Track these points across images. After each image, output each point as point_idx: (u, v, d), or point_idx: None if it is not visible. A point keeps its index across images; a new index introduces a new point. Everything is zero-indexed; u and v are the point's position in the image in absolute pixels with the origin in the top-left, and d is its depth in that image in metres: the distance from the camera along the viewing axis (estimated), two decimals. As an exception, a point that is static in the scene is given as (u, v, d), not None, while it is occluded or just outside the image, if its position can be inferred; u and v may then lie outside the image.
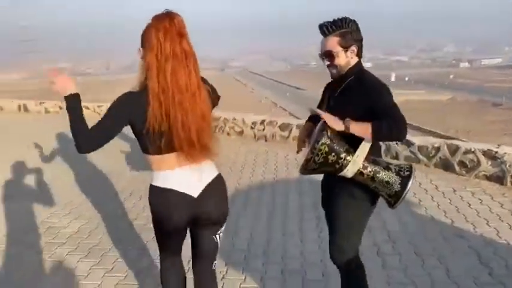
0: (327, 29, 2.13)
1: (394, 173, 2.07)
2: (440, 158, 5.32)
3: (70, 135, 1.76)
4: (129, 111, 1.82)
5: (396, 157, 5.60)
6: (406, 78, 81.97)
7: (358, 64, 2.18)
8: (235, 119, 7.60)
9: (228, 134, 7.67)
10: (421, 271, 3.11)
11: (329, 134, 2.03)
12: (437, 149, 5.33)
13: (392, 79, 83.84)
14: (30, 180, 5.41)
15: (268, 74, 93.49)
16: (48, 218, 4.26)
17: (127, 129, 1.90)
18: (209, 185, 2.00)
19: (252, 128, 7.40)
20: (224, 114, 7.86)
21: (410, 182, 2.05)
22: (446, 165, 5.25)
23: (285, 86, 72.55)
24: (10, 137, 8.33)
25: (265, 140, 7.22)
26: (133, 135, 1.88)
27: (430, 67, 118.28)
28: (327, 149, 2.02)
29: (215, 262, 2.16)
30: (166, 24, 1.80)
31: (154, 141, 1.85)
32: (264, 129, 7.27)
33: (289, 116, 27.57)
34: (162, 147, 1.87)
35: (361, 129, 1.96)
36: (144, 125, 1.80)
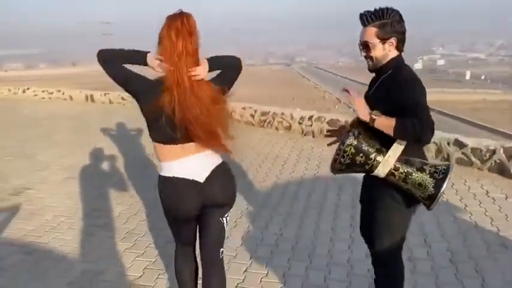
0: (366, 18, 2.05)
1: (428, 175, 1.97)
2: (495, 161, 4.96)
3: (129, 125, 1.90)
4: (140, 87, 1.94)
5: (447, 159, 5.30)
6: (482, 77, 77.03)
7: (397, 58, 2.07)
8: (283, 114, 7.58)
9: (277, 128, 7.67)
10: (453, 279, 2.95)
11: (356, 133, 1.99)
12: (493, 152, 4.98)
13: (467, 77, 79.19)
14: (90, 163, 5.80)
15: (334, 70, 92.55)
16: (96, 200, 4.54)
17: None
18: (214, 170, 2.06)
19: (299, 123, 7.33)
20: (273, 108, 7.87)
21: (444, 184, 1.94)
22: (501, 170, 4.89)
23: (351, 81, 71.00)
24: (78, 124, 8.95)
25: (313, 136, 7.13)
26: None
27: (511, 65, 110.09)
28: (353, 150, 2.00)
29: (222, 250, 2.18)
30: (178, 24, 1.89)
31: (164, 130, 1.93)
32: (311, 125, 7.18)
33: (353, 113, 26.91)
34: (169, 137, 1.95)
35: (385, 124, 1.89)
36: (150, 111, 1.92)
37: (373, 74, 2.20)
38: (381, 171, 2.01)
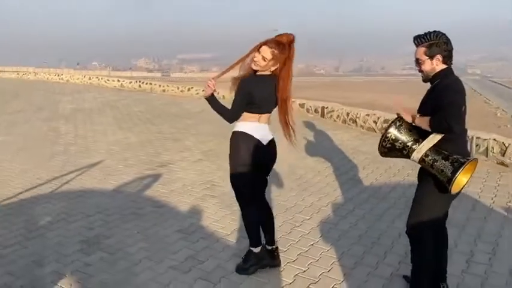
0: (416, 40, 2.61)
1: (449, 163, 2.42)
2: None
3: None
4: (253, 89, 2.86)
5: None
6: None
7: (445, 70, 2.57)
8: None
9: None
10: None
11: (397, 124, 2.57)
12: None
13: None
14: (219, 149, 6.98)
15: None
16: (216, 177, 5.56)
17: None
18: (271, 140, 3.05)
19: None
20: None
21: (460, 170, 2.36)
22: None
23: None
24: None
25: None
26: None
27: None
28: (393, 137, 2.60)
29: None
30: (284, 39, 2.87)
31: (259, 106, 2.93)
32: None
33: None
34: (260, 109, 2.95)
35: (422, 122, 2.47)
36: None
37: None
38: (415, 157, 2.54)
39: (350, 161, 6.38)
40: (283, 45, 2.84)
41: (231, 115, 2.93)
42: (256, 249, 3.17)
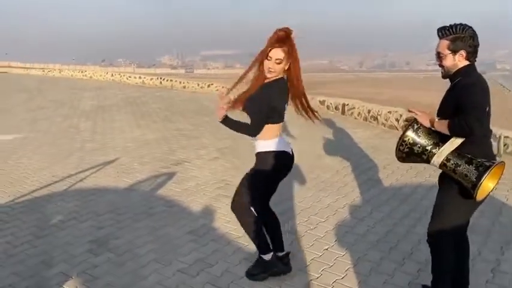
0: (441, 32, 2.39)
1: (474, 167, 2.23)
2: None
3: None
4: (277, 100, 2.77)
5: None
6: None
7: (467, 67, 2.36)
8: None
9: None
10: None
11: (415, 127, 2.37)
12: None
13: None
14: (235, 148, 6.86)
15: (543, 80, 78.58)
16: (229, 176, 5.45)
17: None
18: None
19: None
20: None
21: (485, 174, 2.18)
22: None
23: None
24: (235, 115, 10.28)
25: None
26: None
27: None
28: (411, 141, 2.40)
29: None
30: (283, 33, 2.68)
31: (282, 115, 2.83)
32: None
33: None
34: (282, 118, 2.82)
35: (441, 126, 2.26)
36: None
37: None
38: (436, 161, 2.34)
39: (370, 160, 6.17)
40: (287, 38, 2.66)
41: (255, 130, 2.76)
42: (267, 256, 3.03)
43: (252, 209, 2.95)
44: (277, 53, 2.64)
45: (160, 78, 18.92)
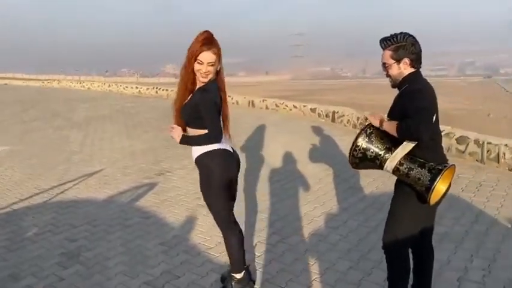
0: (383, 43, 2.42)
1: (427, 170, 2.22)
2: None
3: (272, 128, 2.66)
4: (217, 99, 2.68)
5: None
6: None
7: (412, 74, 2.38)
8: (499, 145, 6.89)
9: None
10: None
11: (368, 132, 2.37)
12: None
13: None
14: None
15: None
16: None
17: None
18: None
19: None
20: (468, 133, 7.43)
21: (439, 177, 2.16)
22: None
23: None
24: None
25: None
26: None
27: None
28: (364, 146, 2.39)
29: None
30: (206, 34, 2.60)
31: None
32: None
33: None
34: None
35: (390, 126, 2.27)
36: None
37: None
38: (389, 166, 2.33)
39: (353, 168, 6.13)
40: (213, 40, 2.58)
41: (215, 134, 2.63)
42: (240, 275, 2.94)
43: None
44: (209, 56, 2.56)
45: (156, 88, 18.99)
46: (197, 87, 2.68)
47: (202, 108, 2.61)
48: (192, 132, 2.72)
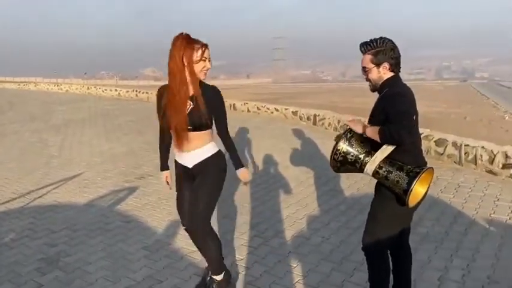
0: (363, 47, 2.45)
1: (405, 173, 2.26)
2: None
3: (256, 131, 2.62)
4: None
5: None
6: None
7: (392, 78, 2.42)
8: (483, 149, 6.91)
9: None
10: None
11: (348, 136, 2.40)
12: None
13: None
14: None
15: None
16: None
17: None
18: None
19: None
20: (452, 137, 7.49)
21: (416, 180, 2.20)
22: None
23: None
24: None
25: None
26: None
27: None
28: (344, 150, 2.41)
29: None
30: (184, 35, 2.60)
31: None
32: None
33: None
34: None
35: (373, 132, 2.29)
36: None
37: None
38: (369, 169, 2.36)
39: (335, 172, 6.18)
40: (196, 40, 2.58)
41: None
42: (220, 276, 2.95)
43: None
44: (209, 53, 2.59)
45: (136, 91, 18.81)
46: (195, 86, 2.62)
47: (222, 106, 2.73)
48: (196, 136, 2.69)
